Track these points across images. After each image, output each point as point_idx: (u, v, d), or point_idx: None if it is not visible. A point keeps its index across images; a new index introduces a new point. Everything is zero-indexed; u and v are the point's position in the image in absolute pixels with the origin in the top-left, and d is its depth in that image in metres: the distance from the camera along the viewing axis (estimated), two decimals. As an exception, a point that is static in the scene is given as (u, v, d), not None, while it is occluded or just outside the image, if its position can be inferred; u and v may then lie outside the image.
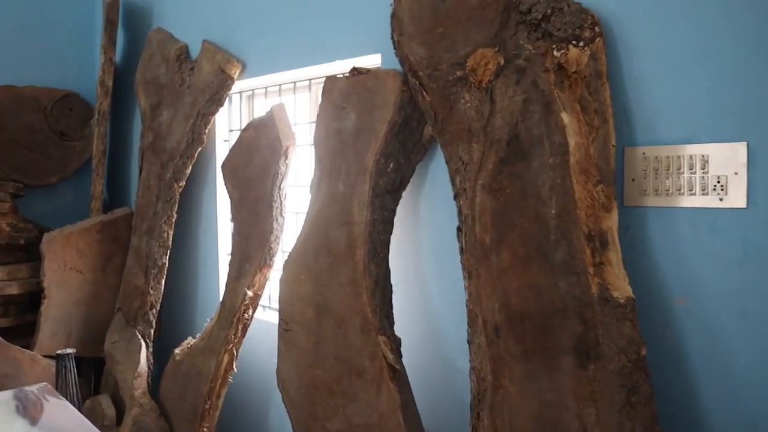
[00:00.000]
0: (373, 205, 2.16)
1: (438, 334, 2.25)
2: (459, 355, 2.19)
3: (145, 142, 3.37)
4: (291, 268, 2.34)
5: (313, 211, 2.31)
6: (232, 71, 2.96)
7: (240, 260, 2.75)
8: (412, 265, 2.31)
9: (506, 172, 1.81)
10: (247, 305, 2.69)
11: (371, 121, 2.21)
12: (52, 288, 3.32)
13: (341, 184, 2.24)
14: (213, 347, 2.78)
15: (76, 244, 3.36)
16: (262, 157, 2.73)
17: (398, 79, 2.17)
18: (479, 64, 1.91)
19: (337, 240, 2.21)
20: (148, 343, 3.22)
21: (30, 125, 3.85)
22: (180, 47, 3.29)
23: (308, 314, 2.25)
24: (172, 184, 3.17)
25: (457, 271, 2.16)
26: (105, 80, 3.63)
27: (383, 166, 2.17)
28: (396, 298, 2.25)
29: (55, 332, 3.35)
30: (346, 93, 2.30)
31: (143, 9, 3.70)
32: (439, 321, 2.25)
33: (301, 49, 2.72)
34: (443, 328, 2.24)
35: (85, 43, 4.18)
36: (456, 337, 2.19)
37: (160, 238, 3.20)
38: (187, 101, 3.14)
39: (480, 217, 1.84)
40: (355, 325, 2.11)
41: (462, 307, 2.13)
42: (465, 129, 1.94)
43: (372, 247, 2.14)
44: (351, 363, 2.11)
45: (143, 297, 3.24)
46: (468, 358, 2.05)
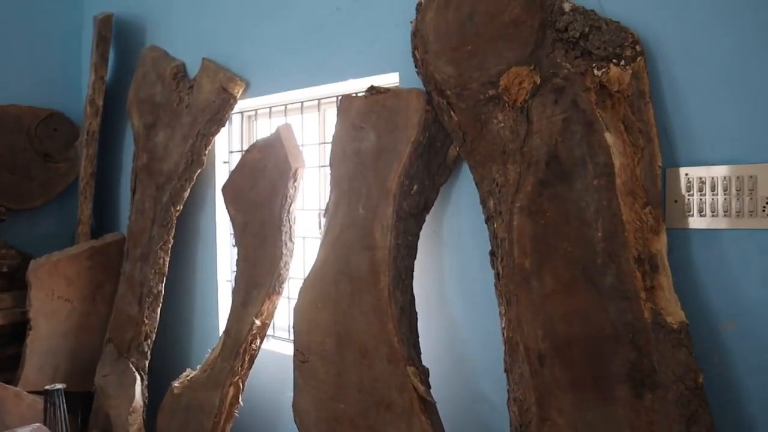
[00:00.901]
0: (397, 228, 2.09)
1: (464, 364, 2.17)
2: (488, 384, 2.12)
3: (139, 163, 3.26)
4: (307, 296, 2.25)
5: (330, 236, 2.23)
6: (235, 90, 2.89)
7: (246, 287, 2.64)
8: (434, 292, 2.24)
9: (546, 194, 1.77)
10: (254, 335, 2.58)
11: (393, 142, 2.15)
12: (38, 318, 3.16)
13: (361, 207, 2.17)
14: (217, 379, 2.66)
15: (64, 271, 3.21)
16: (269, 179, 2.65)
17: (422, 98, 2.12)
18: (513, 83, 1.87)
19: (358, 265, 2.13)
20: (143, 376, 3.08)
21: (12, 146, 3.70)
22: (177, 65, 3.21)
23: (328, 344, 2.16)
24: (169, 208, 3.06)
25: (484, 297, 2.11)
26: (95, 99, 3.51)
27: (407, 188, 2.11)
28: (418, 326, 2.17)
29: (41, 366, 3.19)
30: (365, 112, 2.24)
31: (135, 26, 3.61)
32: (465, 350, 2.18)
33: (309, 68, 2.65)
34: (470, 357, 2.17)
35: (71, 61, 4.07)
36: (484, 366, 2.13)
37: (155, 265, 3.08)
38: (186, 121, 3.04)
39: (518, 241, 1.79)
40: (381, 356, 2.02)
41: (490, 335, 2.09)
42: (499, 150, 1.89)
43: (397, 273, 2.07)
44: (377, 395, 2.02)
45: (137, 327, 3.11)
46: (501, 388, 1.99)
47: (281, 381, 2.79)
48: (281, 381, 2.79)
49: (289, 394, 2.31)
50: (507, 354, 1.81)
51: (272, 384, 2.80)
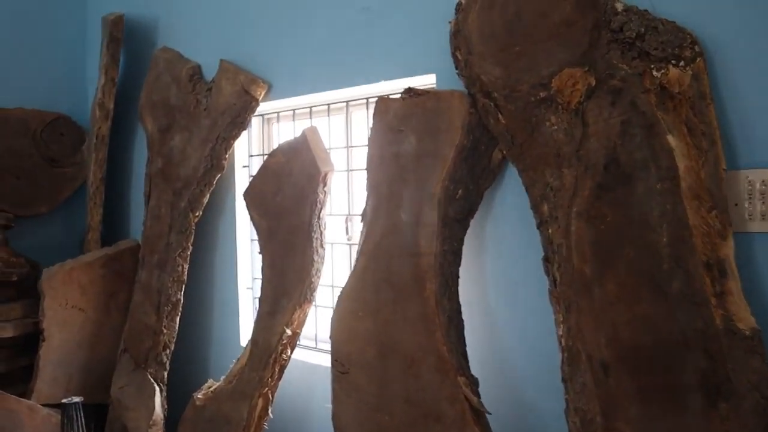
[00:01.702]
0: (443, 234, 2.05)
1: (509, 372, 2.14)
2: (534, 393, 2.09)
3: (154, 168, 3.19)
4: (346, 304, 2.20)
5: (370, 242, 2.18)
6: (257, 92, 2.83)
7: (274, 296, 2.59)
8: (476, 299, 2.20)
9: (606, 199, 1.74)
10: (285, 344, 2.53)
11: (435, 145, 2.11)
12: (51, 329, 3.09)
13: (403, 212, 2.13)
14: (244, 391, 2.61)
15: (78, 279, 3.14)
16: (296, 184, 2.60)
17: (465, 101, 2.08)
18: (566, 85, 1.84)
19: (401, 273, 2.09)
20: (162, 387, 3.01)
21: (17, 150, 3.62)
22: (192, 67, 3.15)
23: (369, 354, 2.12)
24: (188, 214, 3.00)
25: (530, 304, 2.08)
26: (105, 102, 3.44)
27: (452, 193, 2.07)
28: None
29: (55, 378, 3.11)
30: (403, 115, 2.20)
31: (146, 27, 3.54)
32: (510, 358, 2.14)
33: (336, 69, 2.61)
34: (515, 365, 2.14)
35: (76, 63, 3.99)
36: (530, 375, 2.10)
37: (173, 272, 3.01)
38: (205, 124, 2.98)
39: (577, 247, 1.76)
40: (428, 366, 1.98)
41: (537, 343, 2.06)
42: (552, 153, 1.86)
43: (443, 280, 2.03)
44: (426, 407, 1.98)
45: (155, 336, 3.04)
46: (548, 397, 1.97)
47: (308, 391, 2.74)
48: (308, 391, 2.74)
49: (327, 406, 2.25)
50: (566, 363, 1.77)
51: (299, 394, 2.75)
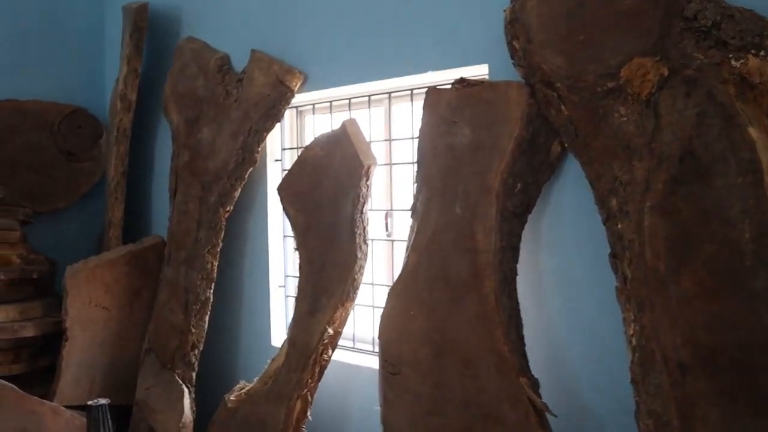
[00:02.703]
0: (502, 230, 2.03)
1: (565, 373, 2.11)
2: (591, 394, 2.07)
3: (180, 161, 3.16)
4: (396, 302, 2.18)
5: (422, 238, 2.16)
6: (293, 83, 2.81)
7: (313, 293, 2.56)
8: (531, 296, 2.17)
9: (681, 193, 1.71)
10: (326, 344, 2.50)
11: (492, 137, 2.09)
12: (74, 328, 3.06)
13: (458, 206, 2.11)
14: (281, 392, 2.58)
15: (102, 277, 3.11)
16: (336, 178, 2.57)
17: (523, 91, 2.06)
18: (636, 75, 1.82)
19: (457, 269, 2.06)
20: (190, 388, 2.98)
21: (34, 144, 3.59)
22: (221, 57, 3.12)
23: (423, 354, 2.09)
24: (218, 209, 2.97)
25: (588, 302, 2.06)
26: (127, 94, 3.41)
27: (510, 186, 2.05)
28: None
29: (78, 379, 3.08)
30: (457, 106, 2.18)
31: (169, 16, 3.51)
32: (565, 357, 2.12)
33: (379, 59, 2.58)
34: (570, 365, 2.12)
35: (94, 54, 3.96)
36: (586, 375, 2.08)
37: (202, 270, 2.99)
38: (236, 116, 2.95)
39: (651, 242, 1.73)
40: (488, 366, 1.96)
41: (594, 342, 2.05)
42: (621, 145, 1.84)
43: (502, 276, 2.01)
44: (485, 409, 1.96)
45: (182, 336, 3.01)
46: (606, 399, 1.97)
47: (345, 393, 2.72)
48: (345, 393, 2.72)
49: (376, 408, 2.23)
50: (637, 363, 1.75)
51: (336, 396, 2.73)
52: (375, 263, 2.73)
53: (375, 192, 2.72)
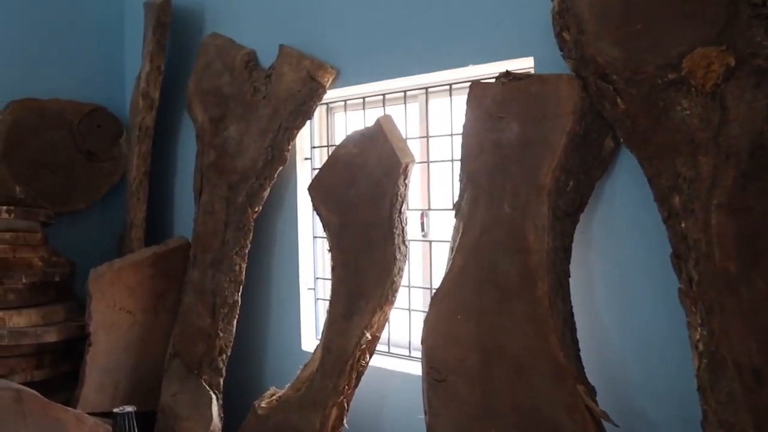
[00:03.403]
0: (554, 229, 1.96)
1: (620, 379, 2.04)
2: (644, 400, 2.01)
3: (206, 160, 3.10)
4: (441, 307, 2.11)
5: (468, 238, 2.09)
6: (325, 79, 2.74)
7: (349, 297, 2.50)
8: (581, 299, 2.10)
9: (752, 189, 1.64)
10: (363, 350, 2.43)
11: (542, 132, 2.02)
12: (98, 333, 3.00)
13: (507, 205, 2.04)
14: (316, 399, 2.52)
15: (126, 280, 3.05)
16: (372, 176, 2.51)
17: (575, 84, 1.99)
18: (699, 66, 1.75)
19: (507, 271, 1.99)
20: (217, 394, 2.92)
21: (54, 143, 3.54)
22: (247, 53, 3.06)
23: (471, 360, 2.02)
24: (246, 209, 2.91)
25: (644, 306, 1.99)
26: (149, 92, 3.35)
27: (562, 183, 1.98)
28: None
29: (101, 384, 3.02)
30: (503, 100, 2.11)
31: (193, 12, 3.46)
32: (621, 364, 2.05)
33: (415, 53, 2.51)
34: (622, 370, 2.04)
35: (113, 52, 3.91)
36: (642, 382, 2.01)
37: (230, 272, 2.92)
38: (264, 114, 2.89)
39: (720, 242, 1.66)
40: (542, 372, 1.89)
41: (648, 347, 1.99)
42: (684, 140, 1.76)
43: (556, 279, 1.94)
44: (539, 417, 1.88)
45: (209, 340, 2.95)
46: (660, 405, 1.92)
47: (381, 399, 2.65)
48: (381, 399, 2.65)
49: (420, 417, 2.16)
50: (705, 370, 1.68)
51: (372, 403, 2.66)
52: (411, 265, 2.66)
53: (410, 191, 2.66)
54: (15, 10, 3.57)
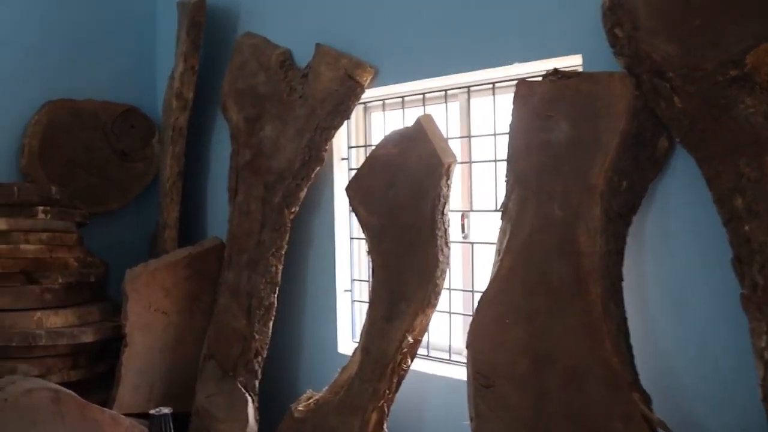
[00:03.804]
0: (607, 232, 1.91)
1: (675, 387, 1.98)
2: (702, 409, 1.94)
3: (241, 160, 3.08)
4: (489, 310, 2.07)
5: (517, 240, 2.04)
6: (363, 78, 2.71)
7: (390, 299, 2.46)
8: (633, 304, 2.04)
9: (822, 190, 1.58)
10: (404, 353, 2.40)
11: (594, 132, 1.97)
12: (134, 334, 2.99)
13: (557, 206, 1.99)
14: (355, 403, 2.48)
15: (162, 281, 3.04)
16: (413, 177, 2.47)
17: (628, 82, 1.94)
18: (764, 62, 1.69)
19: (558, 274, 1.95)
20: (253, 397, 2.90)
21: (89, 144, 3.56)
22: (283, 52, 3.04)
23: (521, 365, 1.98)
24: (282, 210, 2.89)
25: (701, 311, 1.93)
26: (183, 92, 3.35)
27: (616, 184, 1.93)
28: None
29: (136, 385, 3.02)
30: (552, 99, 2.06)
31: (226, 12, 3.44)
32: (676, 371, 1.98)
33: (457, 52, 2.47)
34: (678, 378, 1.98)
35: (146, 52, 3.92)
36: (698, 390, 1.95)
37: (266, 273, 2.90)
38: (301, 113, 2.87)
39: (787, 246, 1.60)
40: (595, 379, 1.84)
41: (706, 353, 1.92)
42: (748, 139, 1.70)
43: (610, 282, 1.89)
44: (593, 425, 1.84)
45: (245, 342, 2.93)
46: (719, 414, 1.86)
47: (420, 404, 2.61)
48: (420, 404, 2.61)
49: (465, 423, 2.12)
50: (774, 380, 1.62)
51: (410, 407, 2.62)
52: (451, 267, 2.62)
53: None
54: (49, 12, 3.58)
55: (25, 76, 3.47)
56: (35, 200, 3.00)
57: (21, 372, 2.85)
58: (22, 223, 2.94)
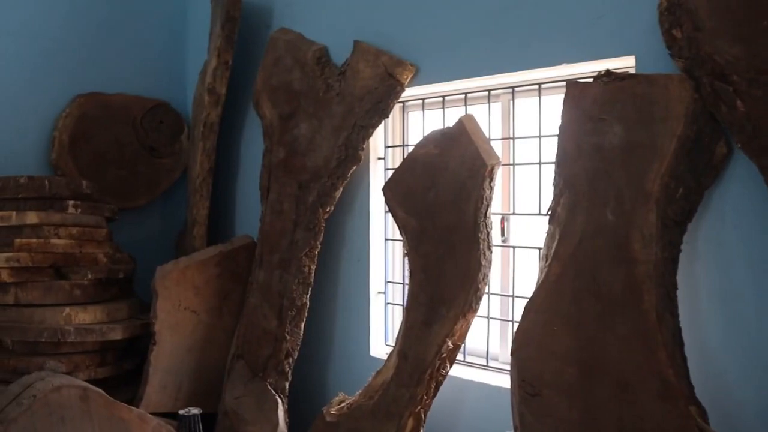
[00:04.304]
0: (663, 239, 1.87)
1: (730, 402, 1.93)
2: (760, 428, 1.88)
3: (274, 158, 3.06)
4: (537, 316, 2.03)
5: (566, 246, 2.00)
6: (404, 76, 2.68)
7: (429, 303, 2.43)
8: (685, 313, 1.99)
9: None
10: (443, 358, 2.36)
11: (650, 136, 1.93)
12: (163, 332, 2.98)
13: (609, 212, 1.95)
14: (390, 408, 2.45)
15: (192, 279, 3.02)
16: (454, 178, 2.44)
17: (687, 85, 1.89)
18: (835, 66, 1.64)
19: (610, 282, 1.91)
20: (282, 399, 2.88)
21: (119, 139, 3.54)
22: (319, 48, 3.01)
23: (569, 374, 1.94)
24: (317, 209, 2.86)
25: (753, 322, 1.89)
26: (216, 87, 3.33)
27: (672, 191, 1.89)
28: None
29: (164, 385, 3.00)
30: (605, 101, 2.02)
31: (258, 7, 3.42)
32: (730, 385, 1.93)
33: (503, 51, 2.43)
34: (737, 394, 1.93)
35: (175, 47, 3.90)
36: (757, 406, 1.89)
37: (299, 274, 2.88)
38: (338, 111, 2.84)
39: None
40: (649, 391, 1.80)
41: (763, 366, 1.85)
42: (817, 146, 1.65)
43: (665, 291, 1.85)
44: (646, 439, 1.79)
45: (276, 343, 2.91)
46: None
47: (455, 410, 2.58)
48: (455, 410, 2.58)
49: (508, 431, 2.08)
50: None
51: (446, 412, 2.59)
52: (491, 271, 2.58)
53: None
54: (79, 5, 3.57)
55: (56, 70, 3.46)
56: (66, 194, 2.98)
57: (49, 368, 2.84)
58: (52, 217, 2.93)
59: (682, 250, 1.97)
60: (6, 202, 2.91)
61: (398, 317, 2.94)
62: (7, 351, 2.90)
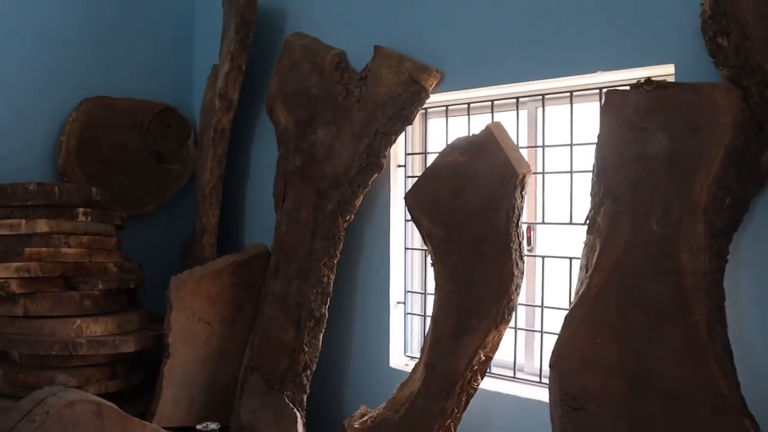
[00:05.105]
0: (711, 249, 1.85)
1: None
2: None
3: (290, 165, 3.01)
4: (578, 328, 2.00)
5: (609, 256, 1.98)
6: (429, 82, 2.65)
7: (459, 314, 2.39)
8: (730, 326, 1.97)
9: None
10: (474, 371, 2.33)
11: (695, 145, 1.91)
12: (177, 344, 2.91)
13: (654, 222, 1.93)
14: (419, 422, 2.41)
15: (207, 289, 2.96)
16: (483, 187, 2.40)
17: (734, 94, 1.88)
18: None
19: (656, 293, 1.88)
20: (301, 412, 2.82)
21: (125, 144, 3.47)
22: (338, 53, 2.97)
23: (615, 388, 1.91)
24: (336, 218, 2.81)
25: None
26: (228, 92, 3.27)
27: (719, 200, 1.87)
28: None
29: (177, 398, 2.93)
30: (647, 110, 2.00)
31: (272, 10, 3.37)
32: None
33: (534, 58, 2.42)
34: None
35: (182, 51, 3.83)
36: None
37: (318, 284, 2.82)
38: (358, 118, 2.80)
39: None
40: (702, 404, 1.78)
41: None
42: None
43: (714, 303, 1.83)
44: (698, 454, 1.76)
45: (294, 355, 2.85)
46: None
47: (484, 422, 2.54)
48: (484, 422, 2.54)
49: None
50: None
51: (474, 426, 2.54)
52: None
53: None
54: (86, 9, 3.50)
55: (63, 73, 3.39)
56: (76, 201, 2.90)
57: (60, 382, 2.76)
58: (63, 225, 2.85)
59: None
60: (14, 209, 2.82)
61: (418, 328, 2.90)
62: (15, 364, 2.81)
